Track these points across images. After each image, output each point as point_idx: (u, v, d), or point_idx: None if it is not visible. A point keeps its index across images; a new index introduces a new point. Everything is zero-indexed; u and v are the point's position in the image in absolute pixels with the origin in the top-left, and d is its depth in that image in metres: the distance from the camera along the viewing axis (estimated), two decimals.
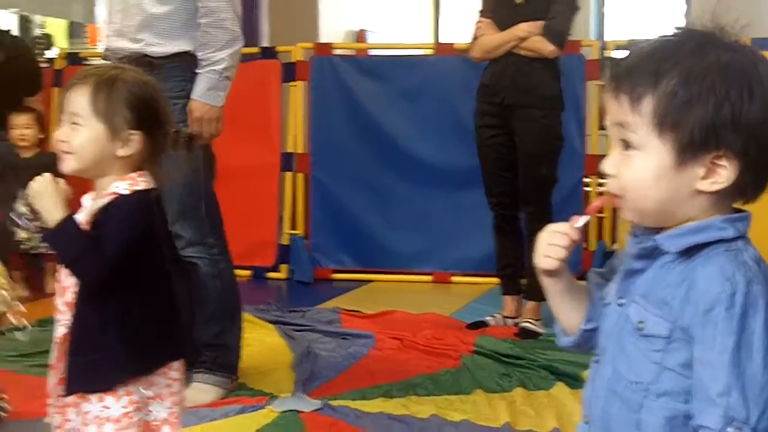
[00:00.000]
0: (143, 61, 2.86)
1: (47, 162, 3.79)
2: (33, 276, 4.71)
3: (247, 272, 5.49)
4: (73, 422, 1.76)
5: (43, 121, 4.27)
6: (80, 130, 1.75)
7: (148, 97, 1.80)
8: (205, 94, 2.89)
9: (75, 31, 9.31)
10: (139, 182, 1.77)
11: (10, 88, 4.30)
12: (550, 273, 1.25)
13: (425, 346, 3.73)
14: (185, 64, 2.92)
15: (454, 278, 5.35)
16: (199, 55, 2.90)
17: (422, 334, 3.87)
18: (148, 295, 1.77)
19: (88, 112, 1.74)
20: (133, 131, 1.76)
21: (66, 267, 1.77)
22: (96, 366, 1.73)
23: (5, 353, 3.46)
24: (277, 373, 3.35)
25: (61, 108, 1.82)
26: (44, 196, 1.72)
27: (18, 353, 3.46)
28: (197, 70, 2.90)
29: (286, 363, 3.49)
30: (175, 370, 1.82)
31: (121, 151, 1.76)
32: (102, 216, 1.72)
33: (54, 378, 1.80)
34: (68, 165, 1.77)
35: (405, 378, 3.30)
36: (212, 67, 2.89)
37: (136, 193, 1.75)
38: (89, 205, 1.82)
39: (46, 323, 3.97)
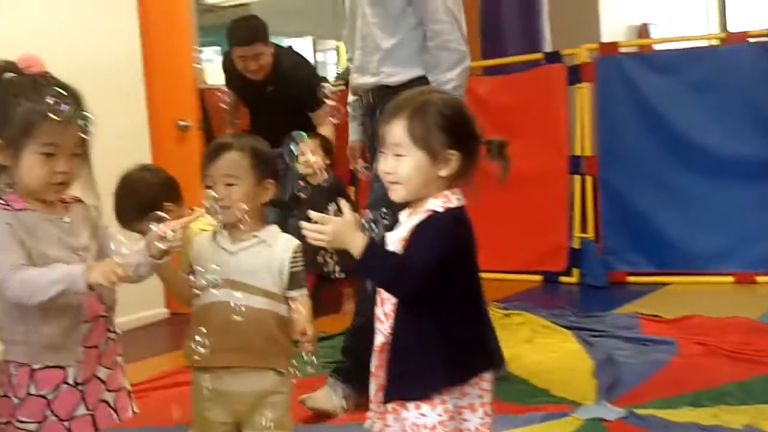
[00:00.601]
0: (385, 90, 3.04)
1: (336, 187, 3.99)
2: (330, 294, 4.94)
3: (539, 277, 5.51)
4: (393, 428, 1.84)
5: (328, 145, 4.41)
6: (404, 160, 1.82)
7: (457, 116, 1.84)
8: None
9: None
10: (453, 199, 1.82)
11: (296, 110, 4.50)
12: None
13: (732, 351, 3.55)
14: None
15: (759, 278, 5.05)
16: (430, 77, 3.03)
17: (728, 339, 3.70)
18: (463, 307, 1.82)
19: (407, 141, 1.81)
20: (450, 151, 1.81)
21: (382, 288, 1.85)
22: (414, 374, 1.80)
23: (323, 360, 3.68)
24: (578, 380, 3.31)
25: (376, 138, 1.92)
26: (341, 234, 1.79)
27: (332, 360, 3.67)
28: None
29: (586, 370, 3.45)
30: (486, 380, 1.86)
31: (443, 172, 1.82)
32: (417, 232, 1.79)
33: (374, 385, 1.89)
34: (397, 194, 1.85)
35: (712, 386, 3.15)
36: (443, 88, 2.95)
37: (451, 210, 1.80)
38: (404, 221, 1.89)
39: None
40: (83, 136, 1.86)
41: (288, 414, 2.27)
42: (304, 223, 1.83)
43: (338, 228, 1.79)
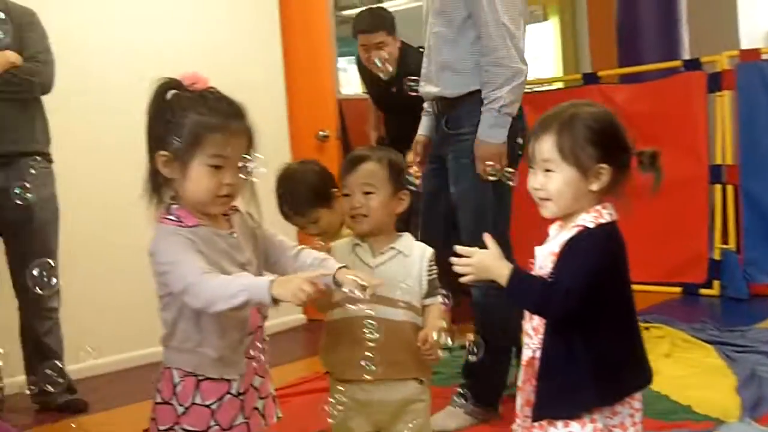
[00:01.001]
0: (444, 102, 3.08)
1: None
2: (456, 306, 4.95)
3: (678, 289, 5.40)
4: None
5: None
6: (553, 176, 1.81)
7: (607, 129, 1.81)
8: (485, 133, 2.96)
9: None
10: (604, 214, 1.80)
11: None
12: None
13: None
14: (479, 102, 3.00)
15: None
16: (483, 93, 2.99)
17: None
18: (615, 323, 1.79)
19: (556, 157, 1.80)
20: (601, 165, 1.78)
21: (532, 313, 1.85)
22: (564, 392, 1.78)
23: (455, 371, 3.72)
24: (721, 397, 3.22)
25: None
26: (487, 265, 1.80)
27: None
28: (482, 108, 2.98)
29: (729, 386, 3.35)
30: (637, 399, 1.83)
31: (594, 186, 1.79)
32: (568, 248, 1.78)
33: (520, 399, 1.89)
34: (548, 210, 1.84)
35: None
36: (492, 105, 2.95)
37: (602, 226, 1.78)
38: (554, 235, 1.89)
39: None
40: (249, 148, 1.88)
41: (428, 422, 2.31)
42: (453, 259, 1.85)
43: (484, 260, 1.81)
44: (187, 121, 1.82)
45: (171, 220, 1.85)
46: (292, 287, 1.70)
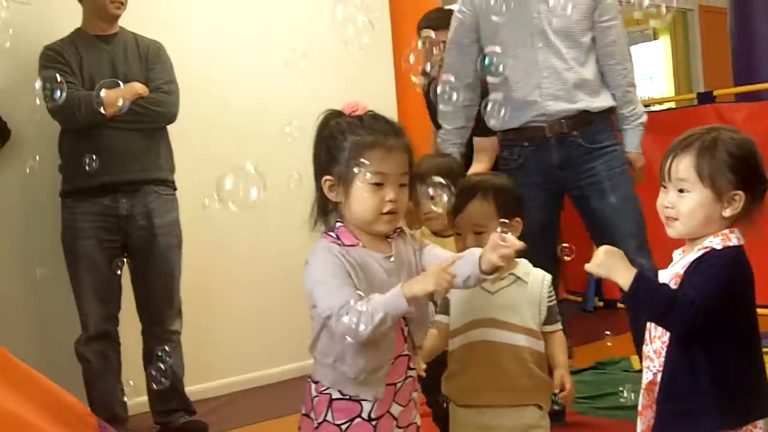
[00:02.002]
0: (582, 117, 3.17)
1: None
2: (579, 323, 4.89)
3: None
4: None
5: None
6: (687, 196, 1.80)
7: (748, 157, 1.80)
8: (636, 145, 3.32)
9: None
10: (732, 238, 1.78)
11: None
12: None
13: None
14: (611, 118, 3.30)
15: None
16: (626, 111, 3.30)
17: None
18: (739, 348, 1.77)
19: (693, 178, 1.79)
20: (737, 192, 1.78)
21: (652, 321, 1.84)
22: (685, 415, 1.76)
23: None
24: None
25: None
26: (613, 263, 1.77)
27: (583, 395, 3.68)
28: (625, 126, 3.32)
29: None
30: (759, 427, 1.79)
31: (727, 212, 1.79)
32: (694, 268, 1.76)
33: (641, 425, 1.87)
34: (674, 230, 1.84)
35: None
36: (638, 121, 3.31)
37: (729, 249, 1.77)
38: (678, 259, 1.87)
39: (604, 365, 4.21)
40: (409, 165, 1.91)
41: None
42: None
43: (614, 255, 1.78)
44: (346, 144, 1.88)
45: (330, 236, 1.91)
46: (429, 279, 1.74)
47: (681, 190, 1.82)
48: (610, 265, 1.78)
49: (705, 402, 1.74)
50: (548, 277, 2.27)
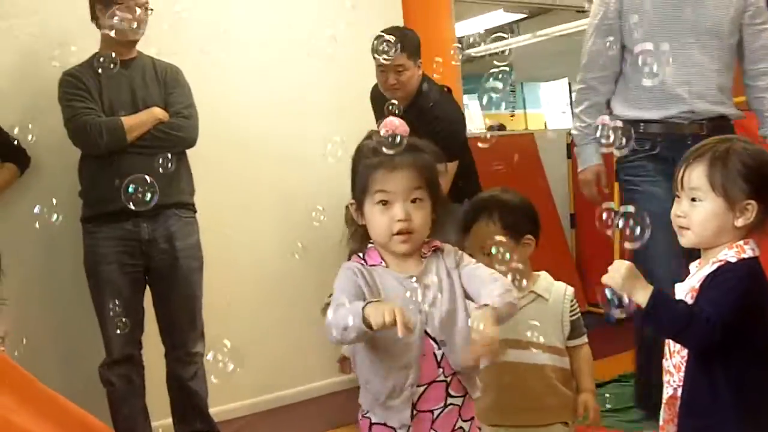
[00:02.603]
0: (720, 122, 3.10)
1: None
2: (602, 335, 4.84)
3: None
4: None
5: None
6: (699, 205, 1.81)
7: (762, 167, 1.80)
8: None
9: None
10: (747, 250, 1.78)
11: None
12: None
13: None
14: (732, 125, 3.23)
15: None
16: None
17: None
18: (760, 360, 1.75)
19: (706, 186, 1.79)
20: (749, 201, 1.77)
21: (669, 338, 1.84)
22: (707, 429, 1.75)
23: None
24: None
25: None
26: (631, 278, 1.73)
27: (607, 408, 3.66)
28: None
29: None
30: None
31: (739, 222, 1.78)
32: (710, 282, 1.76)
33: None
34: (686, 240, 1.84)
35: None
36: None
37: (744, 261, 1.76)
38: (694, 271, 1.87)
39: (627, 378, 4.19)
40: (420, 180, 1.86)
41: None
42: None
43: (630, 271, 1.75)
44: (360, 167, 1.89)
45: (358, 257, 1.91)
46: (381, 309, 1.62)
47: (693, 200, 1.82)
48: (628, 279, 1.76)
49: (725, 417, 1.73)
50: (570, 290, 2.27)
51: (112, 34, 3.32)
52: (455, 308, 1.86)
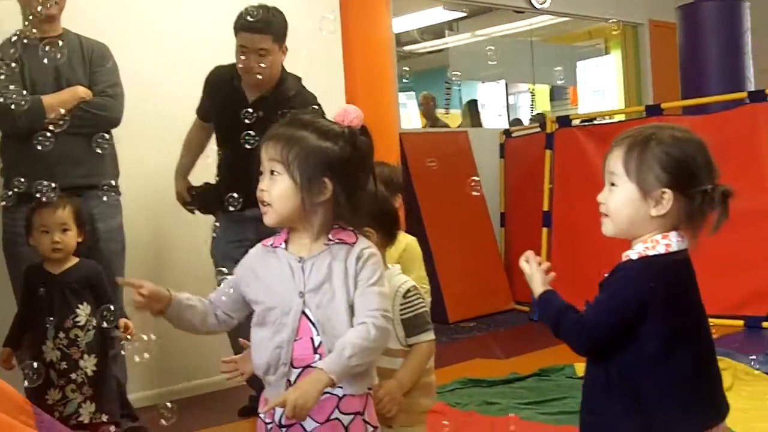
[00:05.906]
0: None
1: None
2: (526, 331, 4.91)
3: (740, 322, 5.31)
4: None
5: None
6: (615, 191, 1.75)
7: (686, 158, 1.71)
8: None
9: (557, 94, 9.84)
10: (660, 244, 1.71)
11: None
12: None
13: None
14: None
15: None
16: None
17: None
18: (658, 360, 1.68)
19: (621, 171, 1.74)
20: (664, 190, 1.70)
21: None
22: (605, 427, 1.73)
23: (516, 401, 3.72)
24: None
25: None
26: (532, 276, 1.82)
27: (527, 401, 3.73)
28: None
29: None
30: None
31: (653, 211, 1.71)
32: (606, 280, 1.73)
33: None
34: (605, 228, 1.77)
35: None
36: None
37: (646, 258, 1.70)
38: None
39: (548, 372, 4.26)
40: (279, 153, 1.85)
41: None
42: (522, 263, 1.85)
43: (535, 272, 1.83)
44: None
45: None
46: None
47: (612, 185, 1.76)
48: (535, 272, 1.81)
49: (619, 417, 1.69)
50: (404, 287, 2.18)
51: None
52: (338, 305, 1.83)
